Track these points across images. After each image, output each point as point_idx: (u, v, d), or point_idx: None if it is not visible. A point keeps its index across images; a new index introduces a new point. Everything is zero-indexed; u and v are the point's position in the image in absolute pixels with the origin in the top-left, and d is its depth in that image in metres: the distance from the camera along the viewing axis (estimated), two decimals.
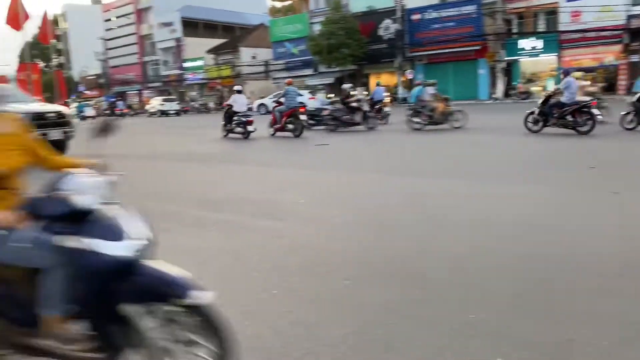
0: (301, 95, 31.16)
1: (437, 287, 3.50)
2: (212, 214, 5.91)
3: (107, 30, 63.25)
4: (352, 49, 36.38)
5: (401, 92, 36.14)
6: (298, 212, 5.83)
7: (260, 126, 16.10)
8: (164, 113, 41.81)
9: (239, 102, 15.79)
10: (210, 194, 7.19)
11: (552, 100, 12.55)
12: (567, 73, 12.80)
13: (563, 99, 12.30)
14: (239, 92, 16.15)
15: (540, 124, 12.75)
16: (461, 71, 34.66)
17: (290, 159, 10.81)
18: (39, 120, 10.95)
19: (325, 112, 16.85)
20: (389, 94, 37.17)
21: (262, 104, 35.52)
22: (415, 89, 16.75)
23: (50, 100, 38.29)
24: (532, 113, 12.98)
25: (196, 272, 3.88)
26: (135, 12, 59.96)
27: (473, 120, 15.75)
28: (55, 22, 65.55)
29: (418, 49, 36.05)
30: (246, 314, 3.16)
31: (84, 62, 66.81)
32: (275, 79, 47.06)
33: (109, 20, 60.33)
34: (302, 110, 15.61)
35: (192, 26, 55.83)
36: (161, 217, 5.86)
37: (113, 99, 50.52)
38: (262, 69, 48.56)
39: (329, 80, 40.76)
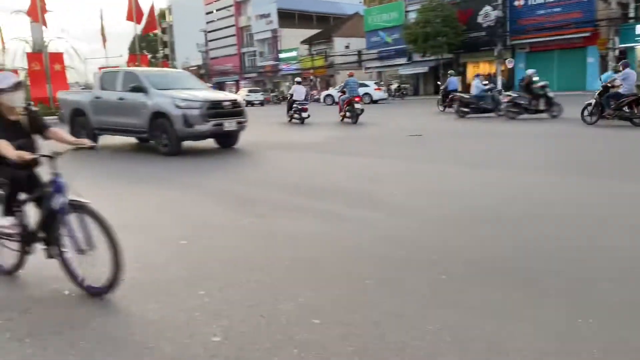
0: (367, 85, 31.43)
1: (541, 287, 3.29)
2: (306, 201, 5.99)
3: (208, 22, 66.23)
4: (449, 37, 35.23)
5: (500, 82, 34.51)
6: (393, 203, 5.75)
7: (331, 115, 16.39)
8: (249, 103, 43.15)
9: (298, 92, 18.42)
10: (304, 182, 7.30)
11: (611, 92, 12.49)
12: (626, 65, 12.86)
13: (621, 90, 12.33)
14: (299, 83, 19.06)
15: (596, 116, 12.76)
16: (567, 60, 32.38)
17: (385, 149, 10.69)
18: (214, 109, 10.37)
19: (506, 99, 16.37)
20: (487, 82, 35.88)
21: (328, 95, 35.80)
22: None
23: None
24: (589, 105, 12.96)
25: (289, 258, 3.98)
26: (235, 4, 62.15)
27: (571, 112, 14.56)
28: (162, 15, 69.69)
29: (520, 37, 34.16)
30: (338, 301, 3.17)
31: (187, 54, 70.45)
32: (367, 68, 46.83)
33: (210, 12, 63.10)
34: (357, 99, 17.62)
35: (288, 17, 56.92)
36: (255, 203, 6.04)
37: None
38: (354, 58, 48.50)
39: (423, 69, 39.90)
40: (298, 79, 20.05)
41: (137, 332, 2.85)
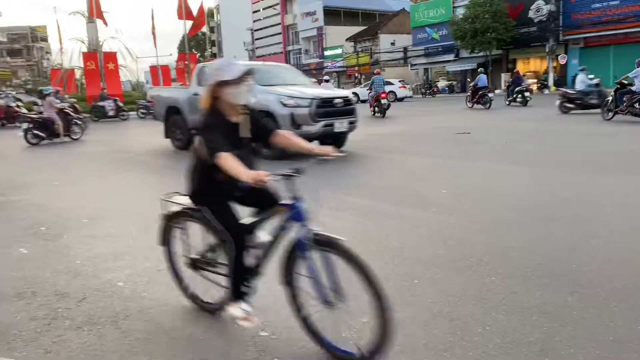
0: (392, 84, 31.75)
1: (595, 290, 3.17)
2: (352, 198, 5.97)
3: (255, 21, 67.04)
4: (498, 33, 34.34)
5: (552, 79, 33.45)
6: (441, 202, 5.66)
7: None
8: None
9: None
10: (351, 179, 7.29)
11: (627, 89, 13.10)
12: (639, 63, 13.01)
13: (634, 87, 12.89)
14: (327, 81, 19.40)
15: (612, 112, 13.38)
16: (624, 55, 30.88)
17: (434, 148, 10.53)
18: (324, 108, 9.19)
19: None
20: (536, 80, 34.83)
21: (354, 93, 35.74)
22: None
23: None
24: (607, 101, 13.62)
25: None
26: (281, 2, 62.65)
27: None
28: (210, 14, 71.10)
29: (573, 32, 32.92)
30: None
31: (234, 52, 71.63)
32: (413, 65, 46.29)
33: (257, 11, 63.86)
34: (383, 95, 19.21)
35: (333, 14, 56.95)
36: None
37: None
38: (400, 55, 48.01)
39: (471, 66, 39.03)
40: (326, 77, 20.98)
41: (188, 325, 2.92)
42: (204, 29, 64.02)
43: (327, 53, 56.29)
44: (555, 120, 14.83)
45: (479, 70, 23.82)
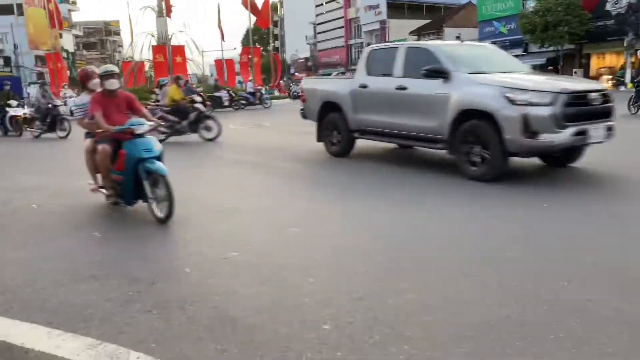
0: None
1: None
2: (410, 197, 5.87)
3: (318, 15, 67.24)
4: (572, 27, 32.69)
5: (629, 75, 31.49)
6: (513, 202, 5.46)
7: None
8: None
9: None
10: (408, 179, 7.16)
11: None
12: None
13: None
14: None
15: (635, 107, 13.97)
16: None
17: None
18: (575, 107, 6.08)
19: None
20: (611, 77, 32.91)
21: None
22: None
23: (266, 81, 42.50)
24: (632, 96, 14.20)
25: (394, 251, 3.90)
26: None
27: None
28: (274, 9, 72.00)
29: None
30: (451, 300, 3.07)
31: (296, 46, 72.21)
32: None
33: (320, 5, 64.01)
34: None
35: (397, 8, 56.19)
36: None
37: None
38: None
39: (541, 61, 37.40)
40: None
41: (251, 314, 2.97)
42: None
43: None
44: None
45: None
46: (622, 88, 30.46)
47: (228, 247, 4.13)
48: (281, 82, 46.88)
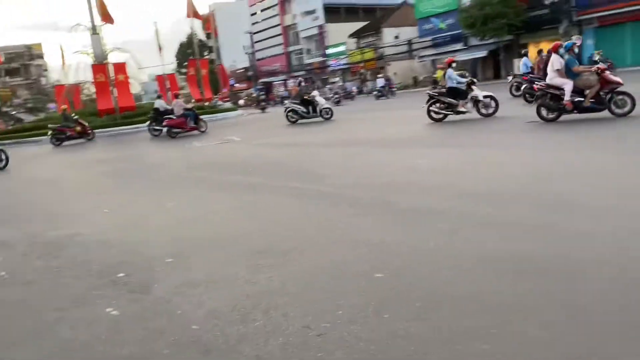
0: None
1: None
2: (474, 207, 5.21)
3: (253, 24, 66.28)
4: (509, 18, 33.55)
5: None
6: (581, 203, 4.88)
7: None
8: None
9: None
10: (449, 186, 6.52)
11: None
12: None
13: None
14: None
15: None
16: None
17: (507, 139, 9.73)
18: None
19: None
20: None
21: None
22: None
23: (214, 92, 41.16)
24: None
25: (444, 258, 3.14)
26: (279, 3, 61.95)
27: None
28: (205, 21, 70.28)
29: (587, 11, 32.07)
30: (496, 309, 2.74)
31: (233, 57, 70.76)
32: (421, 57, 45.50)
33: (255, 14, 63.09)
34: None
35: (333, 12, 56.21)
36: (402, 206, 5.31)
37: (260, 90, 52.59)
38: (405, 48, 47.25)
39: (482, 53, 38.27)
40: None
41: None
42: (202, 35, 63.38)
43: (329, 51, 55.54)
44: None
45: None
46: None
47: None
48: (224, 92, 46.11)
